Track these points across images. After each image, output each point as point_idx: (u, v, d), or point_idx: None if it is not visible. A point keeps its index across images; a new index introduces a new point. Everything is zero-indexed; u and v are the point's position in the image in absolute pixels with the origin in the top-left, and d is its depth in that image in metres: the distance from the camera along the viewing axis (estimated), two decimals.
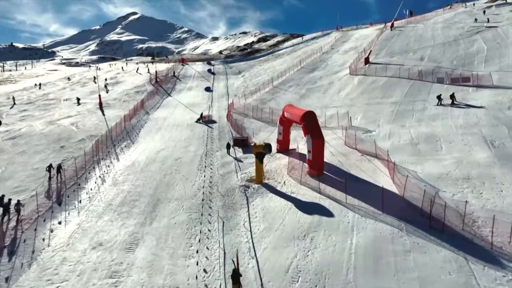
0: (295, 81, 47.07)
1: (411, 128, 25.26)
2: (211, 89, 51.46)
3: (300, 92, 42.54)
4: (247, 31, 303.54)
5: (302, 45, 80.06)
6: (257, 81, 53.82)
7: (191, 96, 47.89)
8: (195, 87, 53.38)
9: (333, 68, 50.42)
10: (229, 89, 51.76)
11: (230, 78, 59.87)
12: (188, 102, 43.73)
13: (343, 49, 60.60)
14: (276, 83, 47.43)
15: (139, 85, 52.52)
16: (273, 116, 34.11)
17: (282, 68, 58.56)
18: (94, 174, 22.21)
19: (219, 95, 47.81)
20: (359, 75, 42.95)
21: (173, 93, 49.58)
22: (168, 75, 60.01)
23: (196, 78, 59.86)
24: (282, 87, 45.58)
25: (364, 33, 70.42)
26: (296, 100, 39.65)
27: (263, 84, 49.43)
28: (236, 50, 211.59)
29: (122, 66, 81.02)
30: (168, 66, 71.57)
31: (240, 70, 66.33)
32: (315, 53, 62.56)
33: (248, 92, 46.69)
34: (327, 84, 43.46)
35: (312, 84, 44.79)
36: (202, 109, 40.14)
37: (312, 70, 51.51)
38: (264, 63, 70.67)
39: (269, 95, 42.95)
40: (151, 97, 45.32)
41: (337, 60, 54.05)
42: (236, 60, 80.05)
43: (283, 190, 18.56)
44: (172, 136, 29.69)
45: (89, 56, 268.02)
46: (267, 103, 39.66)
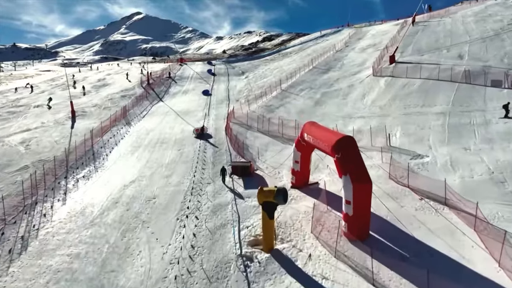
0: (307, 84, 39.54)
1: (482, 152, 17.67)
2: (210, 92, 44.14)
3: (314, 97, 34.99)
4: (252, 31, 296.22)
5: (311, 43, 72.34)
6: (263, 83, 46.38)
7: (185, 101, 40.60)
8: (192, 90, 46.08)
9: (351, 68, 42.82)
10: (231, 92, 44.38)
11: (232, 80, 52.48)
12: (181, 109, 36.44)
13: (359, 47, 52.85)
14: (285, 86, 39.95)
15: (127, 88, 45.37)
16: (284, 128, 26.70)
17: (291, 68, 51.02)
18: (14, 232, 14.35)
19: (218, 100, 40.45)
20: (385, 76, 35.33)
21: (165, 98, 42.34)
22: (162, 76, 52.77)
23: (194, 79, 52.55)
24: (292, 90, 38.09)
25: (381, 29, 62.58)
26: (310, 108, 32.16)
27: (269, 87, 41.99)
28: (240, 50, 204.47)
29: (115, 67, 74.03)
30: (165, 66, 64.38)
31: (243, 71, 58.90)
32: (327, 52, 54.92)
33: (252, 97, 39.27)
34: (346, 87, 35.89)
35: (328, 87, 37.24)
36: (197, 118, 32.85)
37: (326, 70, 43.93)
38: (270, 62, 63.15)
39: (277, 100, 35.47)
40: (138, 103, 38.11)
41: (354, 59, 46.40)
42: (239, 60, 72.61)
43: (308, 270, 11.16)
44: (152, 158, 22.32)
45: (92, 56, 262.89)
46: (275, 111, 32.21)
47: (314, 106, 32.39)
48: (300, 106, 32.77)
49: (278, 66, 56.74)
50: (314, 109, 31.72)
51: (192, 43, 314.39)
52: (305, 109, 31.88)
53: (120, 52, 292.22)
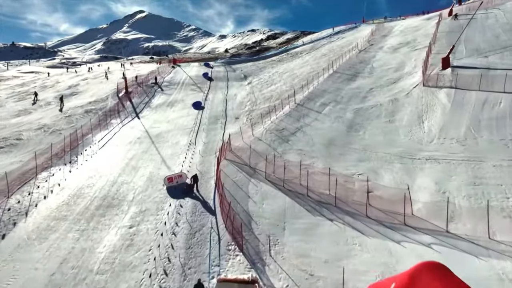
0: (331, 96, 28.89)
1: None
2: (202, 105, 33.65)
3: (344, 116, 24.34)
4: (256, 29, 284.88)
5: (324, 41, 61.40)
6: (270, 92, 35.77)
7: (168, 118, 30.17)
8: (180, 101, 35.60)
9: (385, 73, 32.07)
10: (229, 105, 33.83)
11: (231, 87, 41.92)
12: (160, 133, 26.05)
13: (389, 46, 41.93)
14: (300, 98, 29.32)
15: (100, 98, 35.02)
16: (312, 180, 16.14)
17: (304, 72, 40.35)
18: None
19: (211, 117, 29.97)
20: (444, 87, 24.65)
21: (143, 113, 31.92)
22: (147, 82, 42.31)
23: (186, 86, 42.05)
24: (311, 105, 27.47)
25: (409, 24, 51.49)
26: (342, 135, 21.56)
27: (279, 99, 31.49)
28: (243, 49, 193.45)
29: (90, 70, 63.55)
30: (155, 68, 53.82)
31: (245, 75, 48.25)
32: (348, 52, 44.10)
33: (257, 113, 28.81)
34: (388, 102, 25.21)
35: (360, 102, 26.56)
36: (177, 149, 22.44)
37: (353, 76, 33.19)
38: (277, 64, 52.39)
39: (292, 120, 24.90)
40: (104, 122, 27.75)
41: (386, 62, 35.59)
42: (241, 61, 61.84)
43: None
44: (72, 256, 11.96)
45: (94, 55, 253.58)
46: (291, 141, 21.66)
47: (348, 133, 21.74)
48: (327, 132, 22.16)
49: (288, 69, 46.00)
50: (348, 137, 21.09)
51: (195, 41, 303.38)
52: (335, 137, 21.28)
53: (123, 51, 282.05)
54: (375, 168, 17.05)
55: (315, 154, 19.36)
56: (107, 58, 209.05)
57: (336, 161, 18.27)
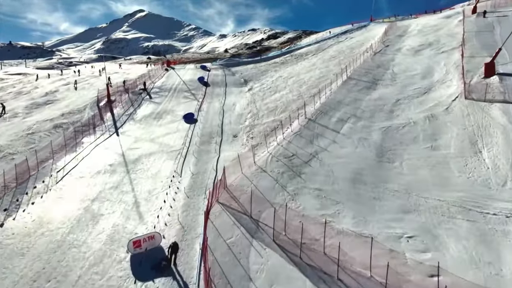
0: (349, 109, 23.57)
1: None
2: (195, 117, 28.38)
3: (371, 138, 19.05)
4: (256, 28, 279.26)
5: (331, 42, 55.99)
6: (274, 101, 30.47)
7: (153, 135, 24.89)
8: (170, 112, 30.32)
9: (410, 80, 26.74)
10: (226, 118, 28.54)
11: (230, 93, 36.64)
12: (139, 156, 20.81)
13: (408, 47, 36.55)
14: (311, 110, 24.00)
15: (77, 108, 29.79)
16: (337, 242, 10.83)
17: (313, 78, 35.03)
18: None
19: (204, 135, 24.69)
20: (494, 101, 19.37)
21: (124, 127, 26.66)
22: (135, 88, 37.05)
23: (178, 92, 36.75)
24: (325, 121, 22.14)
25: (427, 23, 46.05)
26: (372, 166, 16.24)
27: (285, 110, 26.26)
28: (244, 48, 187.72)
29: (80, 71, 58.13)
30: (146, 71, 48.43)
31: (246, 79, 42.94)
32: (360, 54, 38.78)
33: (260, 130, 23.56)
34: (422, 119, 19.91)
35: (387, 118, 21.24)
36: (157, 184, 17.21)
37: (372, 84, 27.87)
38: (280, 67, 47.03)
39: (304, 142, 19.61)
40: (73, 141, 22.50)
41: (410, 66, 30.24)
42: (241, 63, 56.43)
43: None
44: None
45: (93, 54, 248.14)
46: (305, 173, 16.36)
47: (379, 163, 16.45)
48: (351, 161, 16.87)
49: (293, 73, 40.67)
50: (381, 170, 15.81)
51: (195, 41, 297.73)
52: (363, 170, 15.99)
53: (122, 50, 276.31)
54: (429, 226, 11.80)
55: (340, 198, 14.09)
56: (105, 58, 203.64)
57: (371, 211, 13.03)
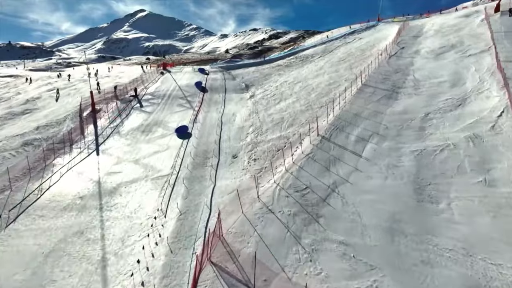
0: (369, 124, 19.74)
1: None
2: (189, 130, 24.63)
3: (402, 166, 15.24)
4: (258, 28, 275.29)
5: (338, 43, 52.12)
6: (280, 112, 26.68)
7: (138, 155, 21.15)
8: (161, 124, 26.59)
9: (437, 89, 22.88)
10: (225, 131, 24.76)
11: (230, 101, 32.88)
12: (118, 185, 17.08)
13: (427, 49, 32.64)
14: (324, 125, 20.19)
15: (56, 119, 26.13)
16: None
17: (322, 83, 31.22)
18: None
19: (198, 155, 20.92)
20: None
21: (108, 144, 22.92)
22: (125, 94, 33.36)
23: (172, 99, 33.01)
24: (342, 139, 18.34)
25: (444, 23, 42.11)
26: (411, 209, 12.31)
27: (293, 124, 22.49)
28: (245, 49, 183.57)
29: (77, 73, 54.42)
30: (140, 74, 44.68)
31: (247, 84, 39.15)
32: (372, 56, 34.99)
33: (264, 150, 19.78)
34: (464, 140, 16.07)
35: (418, 137, 17.40)
36: (134, 230, 13.51)
37: (392, 92, 24.01)
38: (285, 70, 43.20)
39: (318, 169, 15.83)
40: (41, 164, 18.82)
41: (433, 72, 26.36)
42: (242, 65, 52.57)
43: None
44: None
45: (93, 55, 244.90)
46: (323, 217, 12.59)
47: (419, 204, 12.64)
48: (382, 200, 13.08)
49: (299, 77, 36.85)
50: (423, 215, 12.01)
51: (196, 41, 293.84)
52: (400, 213, 12.19)
53: (123, 50, 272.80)
54: None
55: (375, 259, 10.31)
56: (105, 58, 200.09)
57: (421, 286, 9.24)
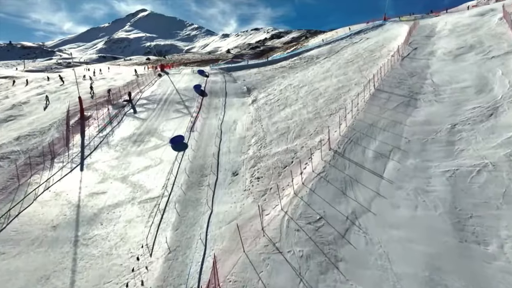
0: (387, 136, 17.26)
1: None
2: (186, 140, 22.24)
3: (432, 189, 12.80)
4: (259, 28, 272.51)
5: (345, 43, 49.60)
6: (285, 120, 24.22)
7: (126, 171, 18.75)
8: (155, 133, 24.20)
9: (461, 95, 20.35)
10: (224, 141, 22.34)
11: (231, 106, 30.49)
12: (99, 210, 14.71)
13: (443, 50, 30.09)
14: (335, 137, 17.72)
15: (40, 128, 23.83)
16: None
17: (330, 87, 28.75)
18: None
19: (194, 171, 18.50)
20: None
21: (94, 157, 20.55)
22: (119, 98, 31.04)
23: (169, 105, 30.65)
24: (358, 155, 15.90)
25: (458, 22, 39.49)
26: (450, 246, 9.82)
27: (300, 135, 20.04)
28: (247, 48, 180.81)
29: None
30: (137, 76, 42.33)
31: (249, 87, 36.73)
32: (382, 57, 32.57)
33: (268, 164, 17.35)
34: (504, 160, 13.55)
35: (448, 154, 14.91)
36: (111, 277, 11.12)
37: (410, 99, 21.50)
38: (289, 72, 40.75)
39: (333, 193, 13.42)
40: (14, 184, 16.48)
41: (454, 75, 23.82)
42: (244, 67, 50.10)
43: None
44: None
45: (94, 55, 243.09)
46: (344, 260, 10.18)
47: (461, 244, 10.18)
48: (415, 238, 10.64)
49: (305, 80, 34.38)
50: (471, 263, 9.58)
51: (197, 40, 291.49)
52: (439, 258, 9.78)
53: (124, 50, 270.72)
54: None
55: None
56: (106, 58, 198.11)
57: None
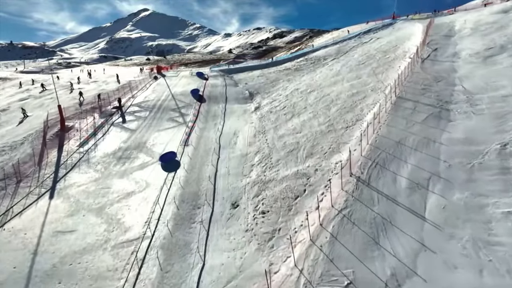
0: (421, 157, 13.92)
1: None
2: (178, 158, 19.01)
3: (495, 239, 9.49)
4: (262, 27, 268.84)
5: (353, 43, 46.19)
6: (293, 132, 20.91)
7: (103, 200, 15.54)
8: (143, 148, 20.98)
9: (502, 106, 16.91)
10: (223, 159, 19.07)
11: (231, 114, 27.24)
12: (59, 261, 11.50)
13: (470, 51, 26.63)
14: (356, 157, 14.42)
15: (13, 141, 20.74)
16: None
17: (343, 94, 25.39)
18: None
19: (186, 199, 15.28)
20: None
21: (69, 179, 17.38)
22: (107, 105, 27.90)
23: (163, 112, 27.45)
24: (387, 183, 12.62)
25: (480, 20, 35.96)
26: None
27: (313, 153, 16.72)
28: (249, 48, 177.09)
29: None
30: (132, 78, 39.12)
31: (251, 91, 33.45)
32: (397, 59, 29.27)
33: (275, 194, 14.07)
34: None
35: (505, 187, 11.56)
36: None
37: (440, 109, 18.12)
38: (295, 75, 37.41)
39: (362, 237, 10.19)
40: None
41: (489, 81, 20.39)
42: (245, 69, 46.78)
43: None
44: None
45: (95, 54, 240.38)
46: None
47: None
48: None
49: (313, 84, 31.05)
50: None
51: (199, 40, 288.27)
52: None
53: (126, 50, 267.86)
54: None
55: None
56: (107, 58, 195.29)
57: None
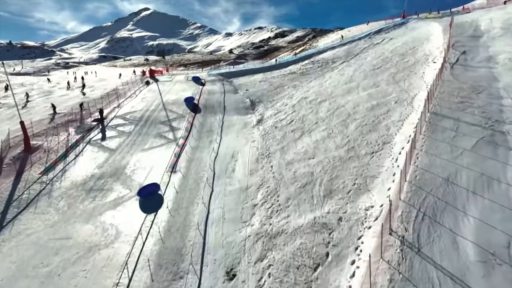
0: (480, 204, 10.05)
1: None
2: (162, 192, 15.13)
3: None
4: (263, 26, 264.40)
5: (363, 43, 42.17)
6: (305, 158, 17.04)
7: (56, 259, 11.75)
8: (121, 175, 17.13)
9: None
10: (217, 196, 15.22)
11: (229, 127, 23.35)
12: None
13: (507, 55, 22.66)
14: (393, 201, 10.56)
15: None
16: None
17: (361, 106, 21.47)
18: None
19: (164, 266, 11.49)
20: None
21: (15, 226, 13.55)
22: (83, 118, 24.10)
23: (150, 127, 23.58)
24: (443, 251, 8.80)
25: (508, 18, 32.00)
26: None
27: (332, 190, 12.85)
28: (250, 48, 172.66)
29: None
30: (116, 83, 35.27)
31: (253, 100, 29.54)
32: (418, 63, 25.36)
33: (286, 258, 10.30)
34: None
35: None
36: None
37: (493, 131, 14.18)
38: (301, 80, 33.45)
39: None
40: None
41: None
42: (246, 72, 42.73)
43: None
44: None
45: (95, 54, 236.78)
46: None
47: None
48: None
49: (323, 92, 27.10)
50: None
51: (200, 39, 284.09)
52: None
53: (126, 49, 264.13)
54: None
55: None
56: (106, 58, 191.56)
57: None
